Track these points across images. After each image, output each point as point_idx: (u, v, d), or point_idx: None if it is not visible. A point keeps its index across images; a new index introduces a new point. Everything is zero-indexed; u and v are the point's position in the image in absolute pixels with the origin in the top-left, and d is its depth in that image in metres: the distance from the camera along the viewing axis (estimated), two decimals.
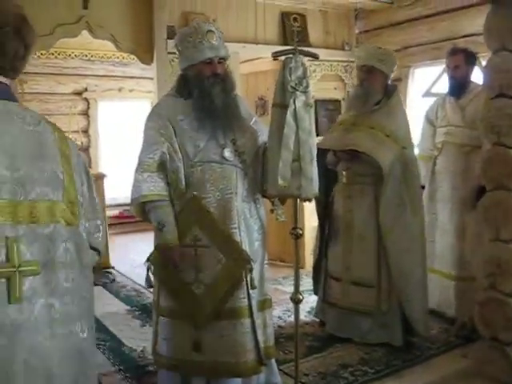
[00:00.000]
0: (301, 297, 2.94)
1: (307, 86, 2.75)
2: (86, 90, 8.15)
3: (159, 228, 2.76)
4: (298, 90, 2.71)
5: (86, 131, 8.17)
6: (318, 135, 5.75)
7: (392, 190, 3.67)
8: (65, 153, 1.67)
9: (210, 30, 2.79)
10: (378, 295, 3.78)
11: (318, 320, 4.26)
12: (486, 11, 4.82)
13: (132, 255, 6.65)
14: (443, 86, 5.14)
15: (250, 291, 2.81)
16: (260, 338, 2.87)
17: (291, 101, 2.70)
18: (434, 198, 4.28)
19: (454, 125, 4.13)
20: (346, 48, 6.19)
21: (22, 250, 1.50)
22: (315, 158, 2.81)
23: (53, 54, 7.64)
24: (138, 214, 2.87)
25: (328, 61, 6.04)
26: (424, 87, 5.34)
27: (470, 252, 4.01)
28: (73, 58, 7.89)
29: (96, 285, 5.53)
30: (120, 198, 8.06)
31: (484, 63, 4.90)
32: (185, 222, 2.79)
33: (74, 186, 1.68)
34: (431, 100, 4.86)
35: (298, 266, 2.91)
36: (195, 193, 2.78)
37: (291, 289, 5.10)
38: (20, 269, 1.49)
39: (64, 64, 7.87)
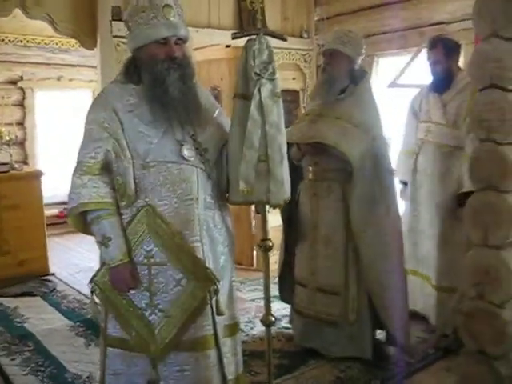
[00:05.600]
0: (273, 319, 2.55)
1: (274, 73, 2.35)
2: (21, 78, 7.50)
3: (104, 243, 2.30)
4: (263, 77, 2.32)
5: (21, 123, 7.52)
6: None
7: (362, 187, 3.34)
8: None
9: (168, 5, 2.30)
10: (344, 304, 3.46)
11: (288, 330, 3.94)
12: None
13: (74, 259, 6.11)
14: (410, 76, 4.87)
15: (216, 317, 2.39)
16: (228, 369, 2.46)
17: (256, 90, 2.31)
18: (416, 199, 3.97)
19: (435, 122, 3.82)
20: (305, 36, 5.81)
21: None
22: (286, 157, 2.42)
23: None
24: (76, 227, 2.38)
25: (286, 49, 5.64)
26: (389, 78, 5.03)
27: (451, 261, 3.73)
28: (6, 43, 7.20)
29: (34, 295, 5.01)
30: (59, 195, 7.45)
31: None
32: (135, 236, 2.33)
33: None
34: (396, 91, 4.57)
35: (268, 283, 2.51)
36: (148, 199, 2.31)
37: (251, 295, 4.81)
38: None
39: None
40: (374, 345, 3.49)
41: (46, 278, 5.49)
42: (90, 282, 2.40)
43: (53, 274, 5.61)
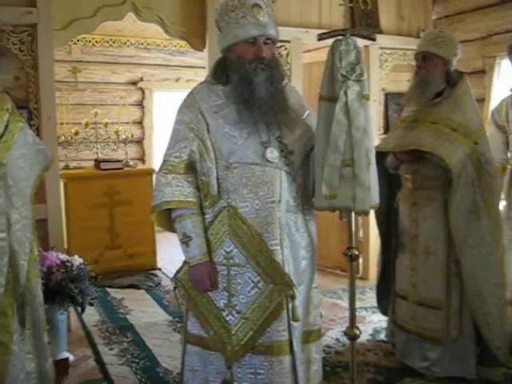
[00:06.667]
0: (358, 332, 2.43)
1: (361, 74, 2.27)
2: (141, 79, 7.84)
3: (185, 241, 2.33)
4: (349, 79, 2.25)
5: (139, 123, 7.87)
6: (387, 133, 5.24)
7: (463, 194, 3.13)
8: None
9: (257, 4, 2.27)
10: (446, 319, 3.24)
11: (386, 344, 3.78)
12: None
13: (181, 255, 6.20)
14: None
15: (292, 323, 2.31)
16: (301, 375, 2.37)
17: (342, 92, 2.24)
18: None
19: None
20: (422, 35, 5.55)
21: None
22: (373, 162, 2.32)
23: (107, 42, 7.42)
24: (159, 224, 2.42)
25: (401, 49, 5.44)
26: None
27: None
28: (128, 46, 7.60)
29: (139, 288, 5.18)
30: None
31: None
32: (216, 236, 2.32)
33: None
34: None
35: (353, 294, 2.40)
36: (230, 200, 2.29)
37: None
38: None
39: (119, 52, 7.59)
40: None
41: (152, 272, 5.68)
42: (173, 278, 2.44)
43: (159, 269, 5.80)
